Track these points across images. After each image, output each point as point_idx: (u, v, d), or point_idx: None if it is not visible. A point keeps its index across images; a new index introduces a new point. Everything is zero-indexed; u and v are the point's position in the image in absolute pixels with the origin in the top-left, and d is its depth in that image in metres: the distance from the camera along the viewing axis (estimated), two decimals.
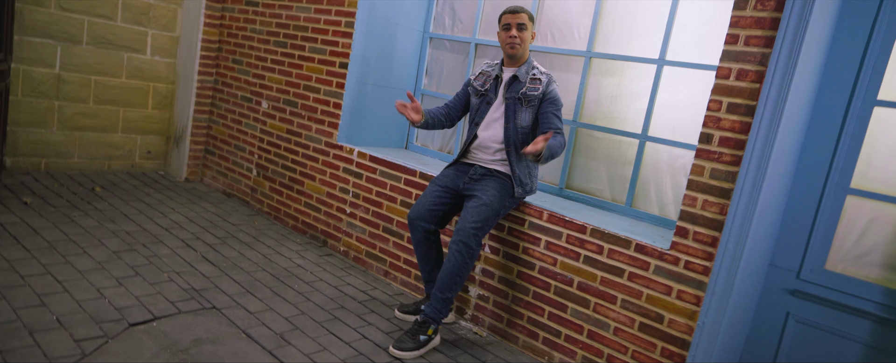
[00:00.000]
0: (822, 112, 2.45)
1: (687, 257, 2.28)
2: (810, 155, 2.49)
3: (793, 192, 2.55)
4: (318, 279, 3.11)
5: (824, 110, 2.44)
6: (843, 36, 2.39)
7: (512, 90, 2.65)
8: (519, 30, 2.62)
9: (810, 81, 2.29)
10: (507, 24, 2.63)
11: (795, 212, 2.54)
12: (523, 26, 2.62)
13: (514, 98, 2.63)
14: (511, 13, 2.63)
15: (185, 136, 4.55)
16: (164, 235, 3.33)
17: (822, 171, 2.47)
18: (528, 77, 2.64)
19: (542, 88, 2.60)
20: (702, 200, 2.24)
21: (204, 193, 4.36)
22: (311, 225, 3.78)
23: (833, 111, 2.43)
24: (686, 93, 2.79)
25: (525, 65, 2.67)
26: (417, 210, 2.72)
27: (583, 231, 2.55)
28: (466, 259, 2.53)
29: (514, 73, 2.66)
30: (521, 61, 2.68)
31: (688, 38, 2.78)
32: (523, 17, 2.62)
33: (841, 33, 2.38)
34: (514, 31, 2.62)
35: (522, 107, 2.62)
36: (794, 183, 2.55)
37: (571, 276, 2.59)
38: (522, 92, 2.61)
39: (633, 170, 2.94)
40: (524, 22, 2.62)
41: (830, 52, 2.42)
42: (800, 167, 2.52)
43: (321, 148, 3.71)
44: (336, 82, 3.62)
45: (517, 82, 2.65)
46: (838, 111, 2.42)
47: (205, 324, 2.43)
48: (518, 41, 2.62)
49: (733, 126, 2.17)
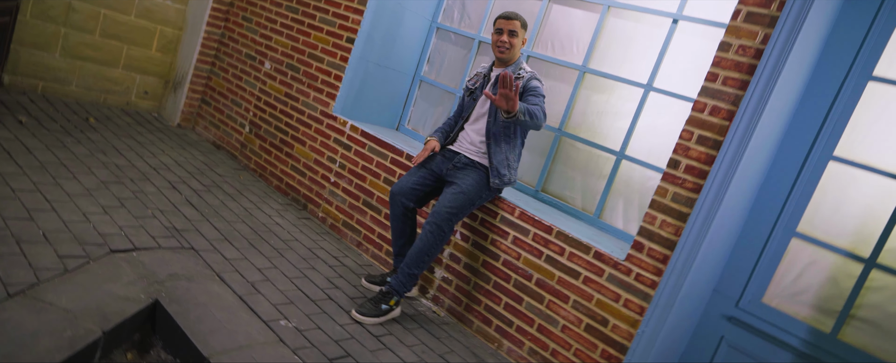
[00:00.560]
0: (783, 157, 2.66)
1: (639, 270, 2.47)
2: (766, 195, 2.70)
3: (745, 227, 2.76)
4: (293, 239, 3.25)
5: (785, 156, 2.65)
6: (811, 92, 2.59)
7: (497, 87, 2.82)
8: (509, 35, 2.77)
9: (776, 128, 2.49)
10: (500, 29, 2.79)
11: (744, 246, 2.75)
12: (514, 33, 2.77)
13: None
14: (505, 19, 2.78)
15: (184, 82, 4.63)
16: (152, 174, 3.44)
17: (773, 211, 2.68)
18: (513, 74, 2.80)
19: (522, 83, 2.74)
20: (661, 220, 2.43)
21: (194, 141, 4.46)
22: (295, 188, 3.91)
23: (793, 158, 2.63)
24: (666, 119, 2.98)
25: (513, 66, 2.84)
26: (400, 186, 2.88)
27: (549, 232, 2.72)
28: (437, 240, 2.70)
29: (502, 72, 2.81)
30: (509, 63, 2.85)
31: (677, 69, 2.97)
32: (516, 25, 2.77)
33: (810, 90, 2.59)
34: (504, 37, 2.77)
35: None
36: (748, 218, 2.76)
37: (532, 272, 2.77)
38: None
39: (606, 184, 3.13)
40: (516, 29, 2.77)
41: (799, 105, 2.62)
42: (755, 205, 2.73)
43: (316, 115, 3.83)
44: (340, 55, 3.74)
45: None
46: (797, 159, 2.63)
47: (182, 261, 2.56)
48: (507, 46, 2.78)
49: (700, 156, 2.36)
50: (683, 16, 2.95)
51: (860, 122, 2.51)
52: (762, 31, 2.23)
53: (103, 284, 2.19)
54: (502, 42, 2.78)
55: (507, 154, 2.83)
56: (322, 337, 2.36)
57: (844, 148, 2.54)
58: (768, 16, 2.23)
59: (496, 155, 2.81)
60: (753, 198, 2.74)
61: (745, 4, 2.28)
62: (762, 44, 2.23)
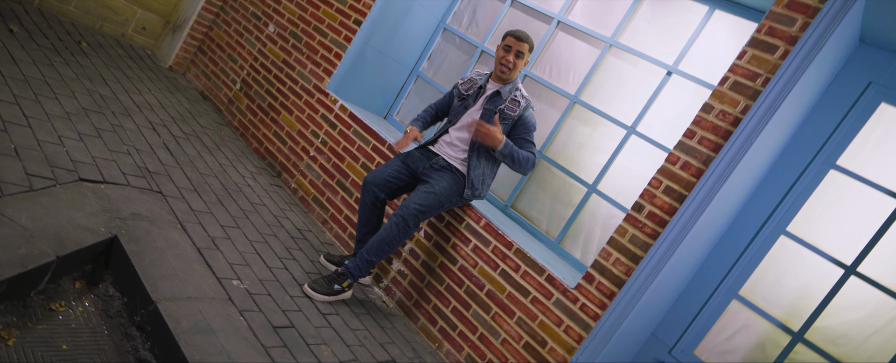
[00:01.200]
0: (739, 222, 2.80)
1: (585, 300, 2.57)
2: (717, 254, 2.84)
3: (693, 280, 2.89)
4: (261, 203, 3.28)
5: (742, 221, 2.79)
6: (777, 167, 2.74)
7: (492, 103, 2.86)
8: (516, 56, 2.80)
9: (739, 193, 2.62)
10: (508, 46, 2.81)
11: (688, 297, 2.88)
12: (521, 55, 2.81)
13: (491, 111, 2.86)
14: (516, 38, 2.80)
15: (185, 26, 4.60)
16: (135, 111, 3.42)
17: (721, 270, 2.81)
18: (509, 96, 2.85)
19: (518, 111, 2.80)
20: (615, 258, 2.54)
21: (182, 87, 4.44)
22: (273, 153, 3.93)
23: (748, 224, 2.77)
24: (640, 164, 3.10)
25: (510, 85, 2.88)
26: (375, 176, 2.93)
27: (509, 247, 2.81)
28: (401, 234, 2.76)
29: (499, 88, 2.87)
30: (508, 81, 2.89)
31: (661, 118, 3.09)
32: (525, 47, 2.80)
33: (777, 165, 2.74)
34: (510, 56, 2.79)
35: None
36: (697, 272, 2.89)
37: (484, 282, 2.85)
38: (500, 108, 2.84)
39: (573, 213, 3.24)
40: (524, 52, 2.81)
41: (764, 176, 2.77)
42: (706, 261, 2.87)
43: (308, 88, 3.86)
44: (345, 35, 3.78)
45: (498, 97, 2.86)
46: (753, 227, 2.77)
47: (148, 203, 2.57)
48: (511, 66, 2.80)
49: (664, 206, 2.47)
50: (678, 70, 3.07)
51: (816, 205, 2.66)
52: (744, 102, 2.36)
53: (66, 210, 2.20)
54: (507, 61, 2.80)
55: (485, 170, 2.90)
56: (270, 304, 2.40)
57: (798, 225, 2.68)
58: (752, 89, 2.35)
59: (475, 168, 2.88)
60: (705, 255, 2.87)
61: (735, 73, 2.41)
62: (742, 113, 2.35)
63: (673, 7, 3.21)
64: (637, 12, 3.33)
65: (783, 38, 2.31)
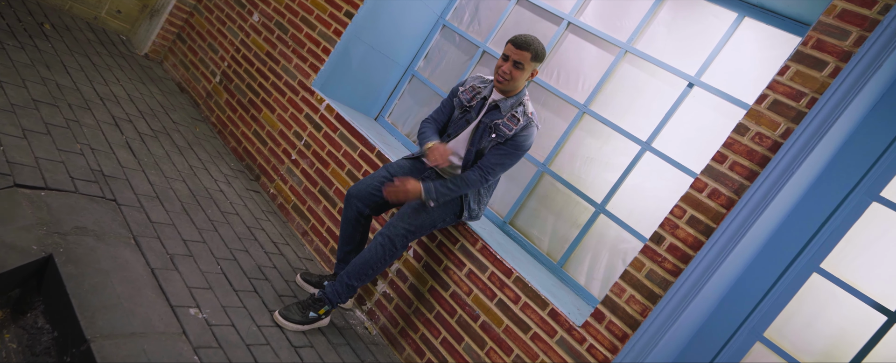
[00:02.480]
0: (767, 255, 2.50)
1: (593, 341, 2.28)
2: (740, 290, 2.54)
3: (711, 318, 2.60)
4: (234, 212, 2.95)
5: (770, 254, 2.49)
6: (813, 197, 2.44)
7: (489, 116, 2.50)
8: (514, 66, 2.36)
9: (769, 227, 2.33)
10: (506, 56, 2.40)
11: (706, 337, 2.59)
12: (520, 65, 2.36)
13: (487, 124, 2.51)
14: (516, 46, 2.35)
15: (163, 11, 4.25)
16: (96, 104, 3.08)
17: (744, 309, 2.52)
18: (509, 112, 2.47)
19: (515, 130, 2.43)
20: (629, 295, 2.25)
21: (158, 77, 4.09)
22: (252, 155, 3.60)
23: (777, 259, 2.48)
24: (656, 184, 2.80)
25: (513, 98, 2.48)
26: (360, 188, 2.61)
27: (508, 275, 2.51)
28: (386, 256, 2.45)
29: (499, 102, 2.49)
30: (512, 93, 2.49)
31: (680, 135, 2.79)
32: (524, 56, 2.35)
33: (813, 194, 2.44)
34: (507, 66, 2.36)
35: (488, 135, 2.49)
36: (716, 310, 2.59)
37: (479, 313, 2.55)
38: (496, 122, 2.47)
39: (578, 234, 2.94)
40: (523, 61, 2.35)
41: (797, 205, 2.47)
42: (726, 297, 2.57)
43: (293, 85, 3.53)
44: (335, 28, 3.45)
45: (497, 111, 2.49)
46: (782, 262, 2.47)
47: (97, 214, 2.24)
48: (508, 77, 2.37)
49: (687, 239, 2.18)
50: (701, 82, 2.78)
51: (855, 241, 2.37)
52: (785, 125, 2.06)
53: None
54: (503, 73, 2.39)
55: (481, 190, 2.59)
56: (233, 336, 2.08)
57: (833, 263, 2.40)
58: (795, 110, 2.06)
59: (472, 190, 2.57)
60: (725, 291, 2.58)
61: (775, 91, 2.11)
62: (782, 137, 2.06)
63: (696, 12, 2.91)
64: (656, 17, 3.03)
65: (834, 54, 2.01)
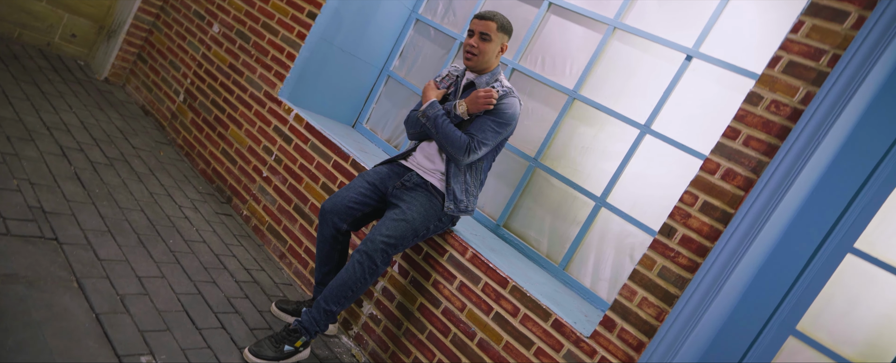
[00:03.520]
0: (792, 239, 2.23)
1: (605, 353, 2.00)
2: (764, 280, 2.27)
3: (734, 317, 2.32)
4: (200, 240, 2.69)
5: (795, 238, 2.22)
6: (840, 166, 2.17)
7: (465, 95, 2.36)
8: (481, 39, 2.27)
9: (794, 206, 2.06)
10: (471, 31, 2.30)
11: (730, 336, 2.31)
12: (487, 36, 2.27)
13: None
14: (479, 18, 2.29)
15: (120, 31, 4.00)
16: (42, 135, 2.82)
17: (771, 301, 2.24)
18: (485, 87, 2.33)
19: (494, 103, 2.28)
20: (641, 297, 1.97)
21: (119, 101, 3.84)
22: (222, 175, 3.34)
23: (803, 242, 2.20)
24: (660, 170, 2.54)
25: (488, 75, 2.35)
26: (335, 203, 2.35)
27: (503, 285, 2.24)
28: (367, 275, 2.19)
29: (473, 80, 2.36)
30: (483, 71, 2.36)
31: (682, 113, 2.52)
32: (490, 27, 2.27)
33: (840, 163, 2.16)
34: (473, 40, 2.28)
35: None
36: (739, 305, 2.31)
37: (475, 330, 2.28)
38: None
39: (578, 232, 2.67)
40: (490, 32, 2.27)
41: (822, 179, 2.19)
42: (749, 289, 2.29)
43: (259, 97, 3.27)
44: (298, 31, 3.19)
45: (472, 89, 2.35)
46: (809, 245, 2.20)
47: (32, 257, 1.98)
48: (476, 52, 2.28)
49: (701, 228, 1.91)
50: (700, 53, 2.51)
51: (892, 214, 2.10)
52: (805, 88, 1.79)
53: None
54: (471, 46, 2.28)
55: (467, 177, 2.34)
56: None
57: (869, 240, 2.12)
58: (815, 70, 1.79)
59: (455, 177, 2.32)
60: (748, 283, 2.30)
61: (789, 52, 1.84)
62: (802, 103, 1.79)
63: None
64: None
65: (854, 1, 1.74)
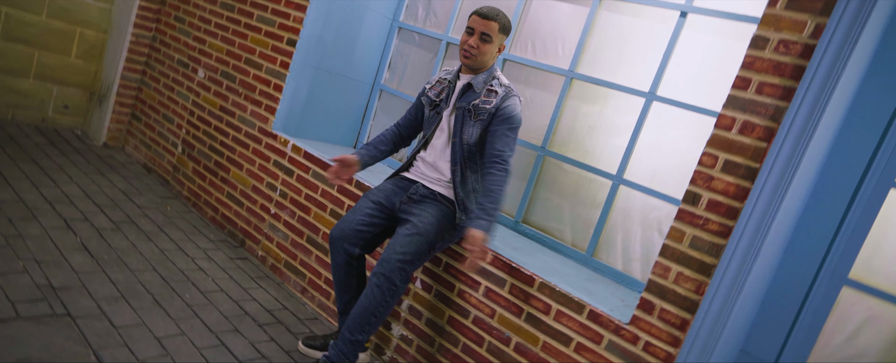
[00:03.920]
0: (828, 182, 2.07)
1: (648, 337, 1.87)
2: (806, 233, 2.11)
3: (779, 274, 2.16)
4: (218, 289, 2.62)
5: (831, 180, 2.06)
6: (869, 92, 2.01)
7: (463, 100, 2.23)
8: (481, 40, 2.16)
9: (824, 145, 1.90)
10: (471, 29, 2.19)
11: (779, 297, 2.16)
12: (488, 37, 2.17)
13: (463, 109, 2.21)
14: (481, 17, 2.17)
15: (110, 94, 3.99)
16: (44, 210, 2.80)
17: (817, 253, 2.08)
18: (484, 88, 2.22)
19: (495, 102, 2.18)
20: (676, 272, 1.84)
21: (120, 164, 3.82)
22: (231, 220, 3.28)
23: (842, 183, 2.05)
24: (673, 136, 2.40)
25: (484, 73, 2.24)
26: (342, 229, 2.26)
27: (530, 283, 2.13)
28: (387, 297, 2.10)
29: (470, 80, 2.23)
30: (479, 71, 2.25)
31: (686, 73, 2.39)
32: (492, 27, 2.16)
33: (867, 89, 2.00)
34: (473, 40, 2.16)
35: (471, 120, 2.19)
36: (782, 263, 2.16)
37: (509, 335, 2.17)
38: (474, 103, 2.19)
39: (600, 214, 2.54)
40: (491, 32, 2.16)
41: (850, 111, 2.04)
42: (791, 245, 2.14)
43: (254, 134, 3.21)
44: (281, 61, 3.13)
45: (471, 92, 2.23)
46: (848, 185, 2.04)
47: (45, 337, 1.93)
48: (474, 52, 2.17)
49: (727, 189, 1.77)
50: (694, 7, 2.37)
51: None
52: (812, 21, 1.65)
53: None
54: (469, 46, 2.17)
55: (474, 185, 2.24)
56: None
57: None
58: None
59: (463, 185, 2.22)
60: (788, 237, 2.14)
61: None
62: (812, 38, 1.65)
63: None
64: None
65: None
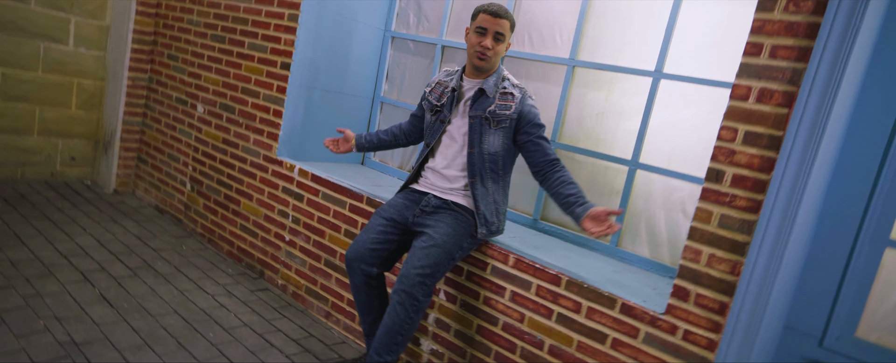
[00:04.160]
0: (856, 143, 1.97)
1: (687, 326, 1.79)
2: (839, 197, 2.01)
3: (816, 243, 2.06)
4: (241, 324, 2.58)
5: (859, 141, 1.96)
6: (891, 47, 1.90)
7: (478, 107, 2.14)
8: (495, 40, 2.09)
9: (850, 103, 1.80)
10: (483, 29, 2.09)
11: (819, 266, 2.05)
12: (501, 36, 2.10)
13: (480, 117, 2.13)
14: (492, 15, 2.08)
15: (114, 140, 3.99)
16: (61, 266, 2.78)
17: (854, 217, 1.98)
18: (497, 92, 2.14)
19: (515, 107, 2.11)
20: (707, 255, 1.75)
21: (133, 208, 3.81)
22: (248, 252, 3.24)
23: (871, 142, 1.94)
24: (686, 113, 2.31)
25: (493, 76, 2.16)
26: (356, 249, 2.20)
27: (557, 282, 2.05)
28: (411, 313, 2.03)
29: (481, 85, 2.15)
30: (489, 72, 2.17)
31: (690, 47, 2.30)
32: (505, 25, 2.09)
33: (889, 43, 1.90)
34: (488, 41, 2.08)
35: (490, 128, 2.12)
36: (818, 231, 2.06)
37: (542, 338, 2.09)
38: (490, 110, 2.12)
39: (620, 202, 2.45)
40: (504, 31, 2.10)
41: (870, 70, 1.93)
42: (826, 211, 2.03)
43: (259, 162, 3.18)
44: (277, 86, 3.09)
45: (484, 97, 2.14)
46: (878, 142, 1.93)
47: None
48: (490, 53, 2.09)
49: (751, 162, 1.68)
50: None
51: None
52: None
53: None
54: (484, 48, 2.08)
55: (495, 195, 2.17)
56: None
57: None
58: None
59: (483, 198, 2.15)
60: (821, 205, 2.04)
61: None
62: None
63: None
64: None
65: None
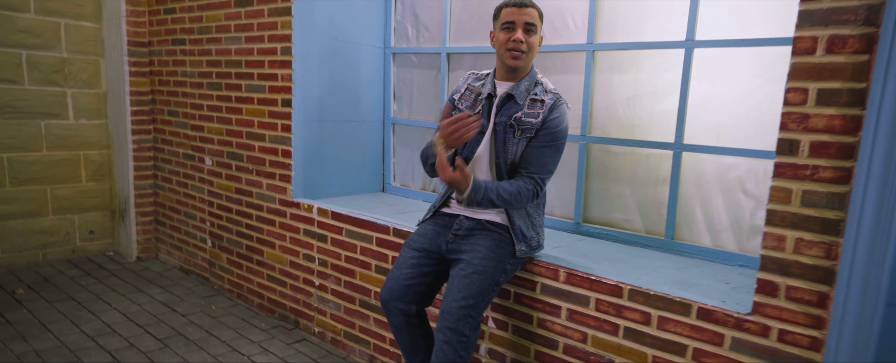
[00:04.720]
0: None
1: (781, 325, 1.52)
2: None
3: None
4: None
5: None
6: None
7: (504, 112, 1.91)
8: (526, 32, 1.84)
9: None
10: (510, 23, 1.84)
11: None
12: (532, 27, 1.85)
13: (504, 124, 1.90)
14: (516, 6, 1.84)
15: (129, 207, 3.88)
16: (88, 349, 2.62)
17: None
18: (527, 97, 1.90)
19: (542, 114, 1.86)
20: (794, 240, 1.49)
21: (157, 274, 3.67)
22: (279, 302, 3.06)
23: None
24: (728, 81, 2.06)
25: (526, 79, 1.91)
26: (390, 287, 1.99)
27: (618, 293, 1.80)
28: (460, 351, 1.80)
29: (510, 90, 1.91)
30: (521, 74, 1.92)
31: (723, 5, 2.05)
32: (533, 14, 1.85)
33: None
34: (519, 34, 1.83)
35: (514, 136, 1.89)
36: None
37: (610, 357, 1.84)
38: (516, 117, 1.88)
39: (669, 190, 2.20)
40: (534, 21, 1.85)
41: None
42: None
43: (275, 207, 3.00)
44: (281, 125, 2.92)
45: (513, 103, 1.91)
46: None
47: None
48: (524, 48, 1.84)
49: (831, 125, 1.42)
50: None
51: None
52: None
53: None
54: (517, 42, 1.83)
55: (529, 209, 1.94)
56: None
57: None
58: None
59: (516, 211, 1.92)
60: None
61: None
62: None
63: None
64: None
65: None
